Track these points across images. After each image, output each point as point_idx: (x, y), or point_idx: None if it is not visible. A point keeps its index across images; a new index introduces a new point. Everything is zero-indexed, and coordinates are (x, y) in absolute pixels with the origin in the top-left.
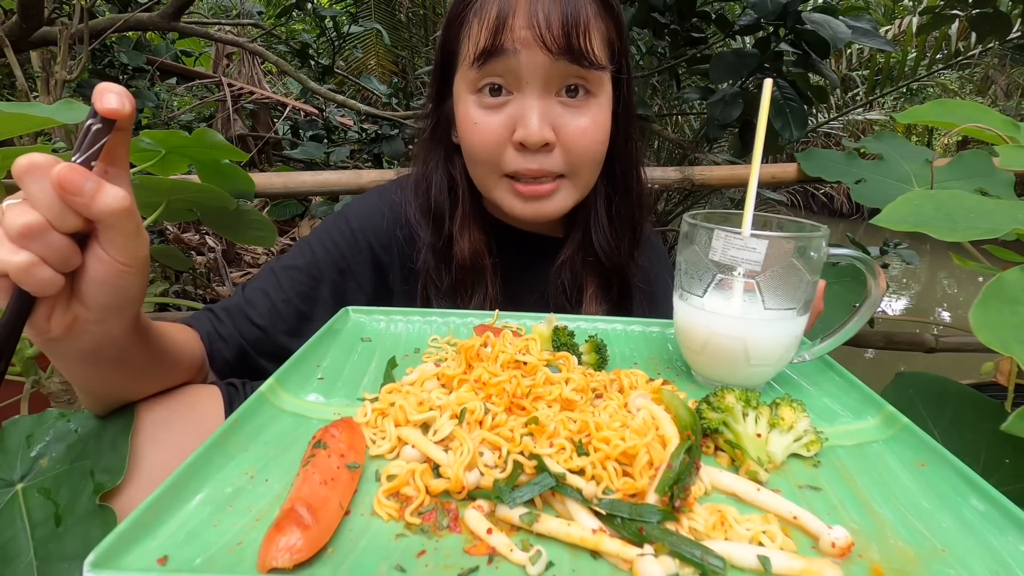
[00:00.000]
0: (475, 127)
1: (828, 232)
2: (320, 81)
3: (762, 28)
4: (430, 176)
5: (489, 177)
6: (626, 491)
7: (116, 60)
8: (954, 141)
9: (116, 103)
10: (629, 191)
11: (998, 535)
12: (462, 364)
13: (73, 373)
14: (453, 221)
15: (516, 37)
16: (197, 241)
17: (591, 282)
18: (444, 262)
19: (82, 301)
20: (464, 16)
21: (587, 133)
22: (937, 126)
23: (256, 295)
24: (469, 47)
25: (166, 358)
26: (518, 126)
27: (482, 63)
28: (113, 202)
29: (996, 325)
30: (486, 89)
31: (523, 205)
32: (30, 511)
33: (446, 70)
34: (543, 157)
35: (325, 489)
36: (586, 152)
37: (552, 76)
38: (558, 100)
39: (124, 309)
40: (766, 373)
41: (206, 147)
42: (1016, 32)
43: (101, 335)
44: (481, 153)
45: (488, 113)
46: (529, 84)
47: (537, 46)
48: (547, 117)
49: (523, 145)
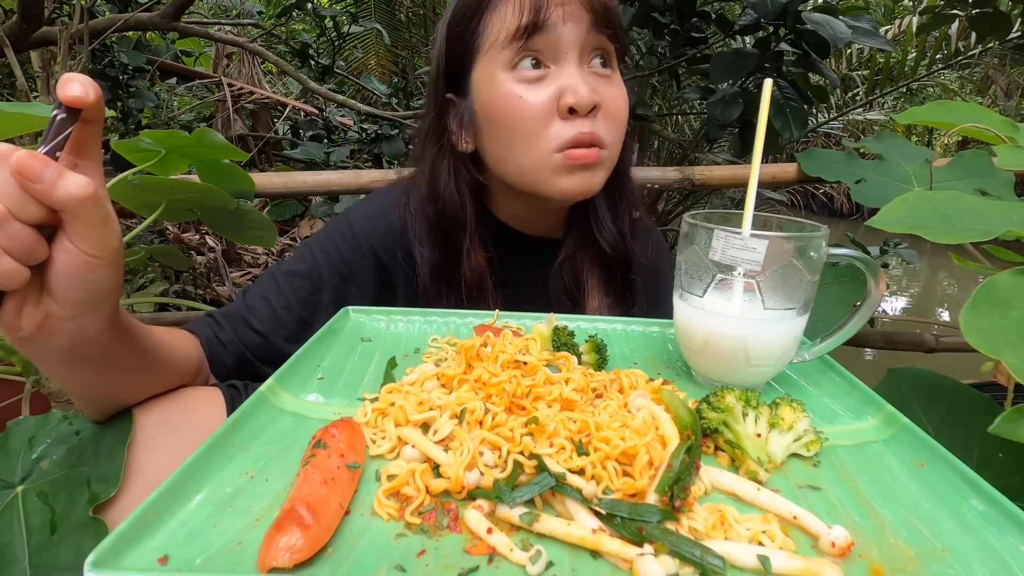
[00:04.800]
0: (520, 101)
1: (828, 232)
2: (320, 81)
3: (762, 28)
4: (441, 189)
5: (536, 156)
6: (626, 491)
7: (116, 60)
8: (954, 141)
9: (79, 91)
10: (627, 171)
11: (998, 535)
12: (462, 364)
13: (57, 375)
14: (466, 237)
15: (559, 11)
16: (197, 241)
17: (593, 275)
18: (444, 283)
19: (53, 297)
20: (482, 7)
21: (619, 100)
22: (937, 126)
23: (257, 301)
24: (502, 28)
25: (155, 360)
26: (565, 92)
27: (526, 39)
28: (75, 189)
29: (985, 328)
30: (525, 63)
31: (570, 180)
32: (28, 516)
33: (453, 73)
34: (592, 122)
35: (325, 489)
36: (621, 120)
37: (586, 47)
38: (591, 71)
39: (98, 305)
40: (766, 373)
41: (206, 147)
42: (1016, 32)
43: (76, 333)
44: (530, 126)
45: (530, 88)
46: (568, 55)
47: (584, 13)
48: (590, 83)
49: (572, 112)
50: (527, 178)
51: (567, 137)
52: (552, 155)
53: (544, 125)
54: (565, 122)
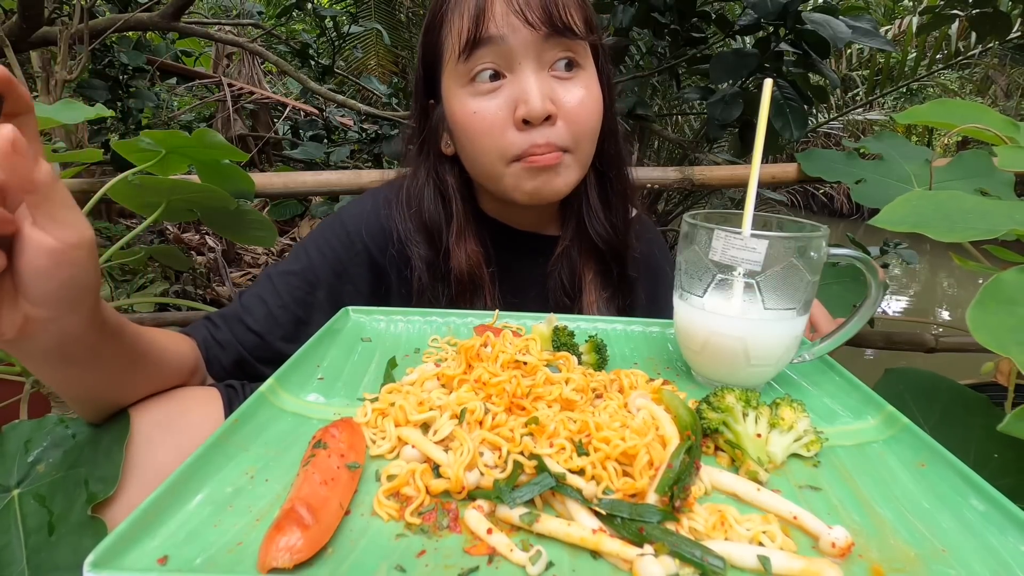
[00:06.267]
0: (475, 116)
1: (828, 232)
2: (320, 81)
3: (762, 28)
4: (421, 190)
5: (497, 165)
6: (626, 491)
7: (116, 60)
8: (954, 141)
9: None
10: (620, 165)
11: (998, 535)
12: (462, 364)
13: (46, 375)
14: (449, 234)
15: (499, 22)
16: (197, 241)
17: (590, 270)
18: (440, 279)
19: (29, 298)
20: (442, 16)
21: (584, 103)
22: (937, 126)
23: (253, 301)
24: (453, 43)
25: (147, 359)
26: (519, 104)
27: (469, 53)
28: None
29: (993, 326)
30: (483, 75)
31: (532, 183)
32: (25, 518)
33: (430, 78)
34: (547, 130)
35: (325, 489)
36: (586, 122)
37: (542, 52)
38: (552, 75)
39: (76, 304)
40: (766, 373)
41: (206, 147)
42: (1016, 32)
43: (59, 333)
44: (486, 140)
45: (486, 99)
46: (521, 64)
47: (521, 25)
48: (545, 91)
49: (526, 122)
50: (493, 183)
51: (522, 149)
52: (510, 164)
53: (500, 138)
54: (521, 132)
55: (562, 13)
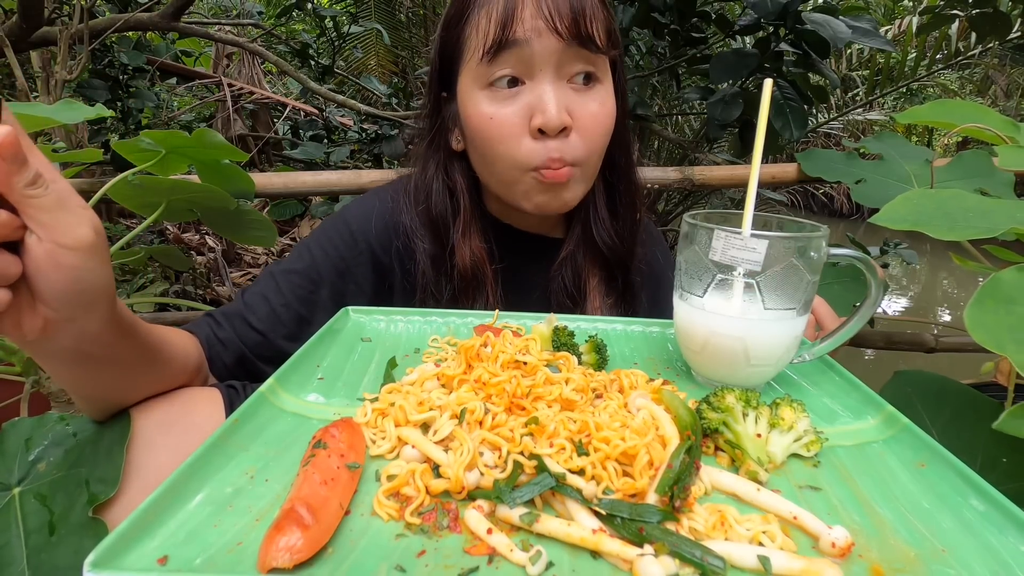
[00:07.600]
0: (491, 121)
1: (828, 232)
2: (320, 81)
3: (762, 28)
4: (430, 184)
5: (509, 172)
6: (626, 491)
7: (116, 60)
8: (954, 141)
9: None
10: (630, 177)
11: (998, 535)
12: (462, 364)
13: (62, 375)
14: (455, 230)
15: (527, 27)
16: (197, 241)
17: (594, 275)
18: (444, 273)
19: (44, 302)
20: (467, 14)
21: (598, 118)
22: (937, 126)
23: (255, 299)
24: (476, 43)
25: (158, 357)
26: (535, 113)
27: (493, 56)
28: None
29: (991, 325)
30: (502, 82)
31: (542, 197)
32: (25, 517)
33: (446, 74)
34: (562, 143)
35: (325, 489)
36: (599, 138)
37: (563, 62)
38: (570, 86)
39: (91, 304)
40: (766, 373)
41: (206, 147)
42: (1016, 32)
43: (78, 333)
44: (501, 147)
45: (503, 105)
46: (542, 71)
47: (549, 32)
48: (562, 102)
49: (542, 132)
50: (502, 189)
51: (537, 161)
52: (525, 174)
53: (515, 145)
54: (536, 142)
55: (588, 24)
